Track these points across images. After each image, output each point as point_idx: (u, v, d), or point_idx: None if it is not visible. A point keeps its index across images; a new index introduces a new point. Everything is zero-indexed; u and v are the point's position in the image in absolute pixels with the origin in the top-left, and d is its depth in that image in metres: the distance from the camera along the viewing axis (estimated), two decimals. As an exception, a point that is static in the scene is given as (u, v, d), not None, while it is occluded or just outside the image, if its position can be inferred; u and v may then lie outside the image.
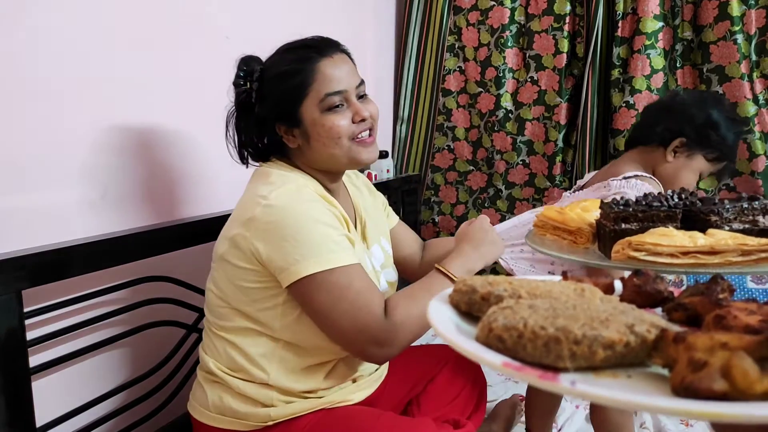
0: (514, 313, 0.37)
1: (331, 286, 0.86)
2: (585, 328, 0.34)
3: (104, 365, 1.19)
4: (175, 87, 1.32)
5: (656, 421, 1.39)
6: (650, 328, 0.35)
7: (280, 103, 0.97)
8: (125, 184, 1.21)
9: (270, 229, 0.87)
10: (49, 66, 1.04)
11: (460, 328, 0.42)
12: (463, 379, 1.21)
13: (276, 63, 0.99)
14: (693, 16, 1.95)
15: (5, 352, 0.90)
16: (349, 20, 2.11)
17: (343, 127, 0.96)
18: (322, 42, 0.99)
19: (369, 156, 1.01)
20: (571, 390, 0.31)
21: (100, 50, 1.13)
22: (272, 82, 0.98)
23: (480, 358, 0.35)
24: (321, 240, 0.87)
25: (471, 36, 2.33)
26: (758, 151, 1.87)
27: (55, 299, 1.04)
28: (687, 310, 0.41)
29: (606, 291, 0.46)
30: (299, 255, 0.86)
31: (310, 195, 0.93)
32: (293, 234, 0.86)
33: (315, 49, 0.97)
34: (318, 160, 1.00)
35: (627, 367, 0.35)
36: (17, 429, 0.92)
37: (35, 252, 0.95)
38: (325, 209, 0.92)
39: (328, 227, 0.90)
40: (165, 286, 1.25)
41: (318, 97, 0.95)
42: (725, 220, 0.54)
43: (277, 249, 0.87)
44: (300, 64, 0.96)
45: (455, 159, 2.42)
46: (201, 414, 0.99)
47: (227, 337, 0.97)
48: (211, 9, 1.42)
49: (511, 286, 0.44)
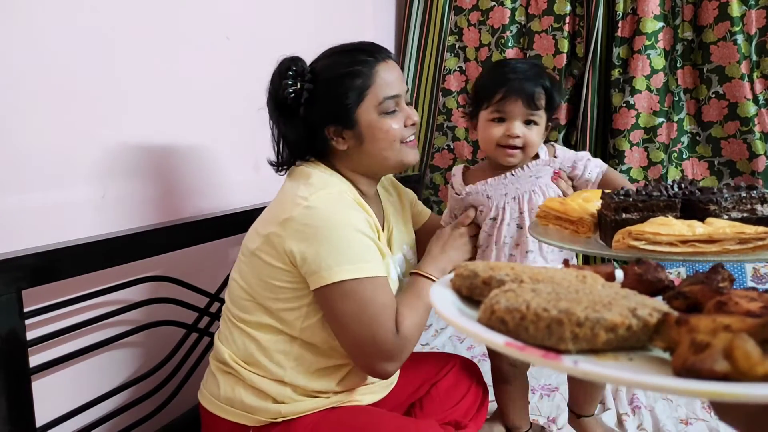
0: (516, 296, 0.38)
1: (358, 296, 0.88)
2: (588, 310, 0.35)
3: (104, 365, 1.19)
4: (176, 87, 1.32)
5: (655, 421, 1.39)
6: (652, 312, 0.35)
7: (337, 104, 0.97)
8: (126, 184, 1.21)
9: (308, 231, 0.88)
10: (49, 66, 1.04)
11: (462, 311, 0.42)
12: (466, 383, 1.21)
13: (332, 65, 0.99)
14: (693, 16, 1.95)
15: (5, 352, 0.90)
16: (349, 20, 2.11)
17: (398, 131, 0.99)
18: (375, 47, 1.01)
19: (414, 158, 1.04)
20: (573, 369, 0.32)
21: (100, 50, 1.13)
22: (329, 83, 0.98)
23: (483, 338, 0.36)
24: (357, 249, 0.89)
25: (472, 36, 2.33)
26: (758, 151, 1.87)
27: (55, 299, 1.04)
28: (687, 298, 0.41)
29: (607, 278, 0.46)
30: (333, 260, 0.87)
31: (349, 202, 0.95)
32: (330, 239, 0.87)
33: (371, 53, 0.98)
34: (367, 163, 1.02)
35: (628, 350, 0.36)
36: (17, 429, 0.92)
37: (35, 252, 0.95)
38: (363, 218, 0.94)
39: (365, 236, 0.91)
40: (165, 286, 1.25)
41: (377, 100, 0.97)
42: (724, 209, 0.54)
43: (313, 252, 0.88)
44: (359, 66, 0.97)
45: (455, 159, 2.42)
46: (210, 403, 1.00)
47: (246, 329, 0.98)
48: (211, 9, 1.42)
49: (513, 271, 0.44)
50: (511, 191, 1.08)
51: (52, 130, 1.06)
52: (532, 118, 1.05)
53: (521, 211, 1.07)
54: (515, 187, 1.08)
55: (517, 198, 1.08)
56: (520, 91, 1.03)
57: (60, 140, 1.07)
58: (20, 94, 1.00)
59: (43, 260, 0.96)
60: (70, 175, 1.10)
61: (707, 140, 1.99)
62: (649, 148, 2.03)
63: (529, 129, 1.05)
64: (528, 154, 1.07)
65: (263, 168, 1.65)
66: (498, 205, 1.09)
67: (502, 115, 1.05)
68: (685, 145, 2.03)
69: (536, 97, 1.03)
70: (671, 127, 2.02)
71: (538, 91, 1.04)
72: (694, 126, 2.02)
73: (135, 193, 1.23)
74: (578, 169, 1.11)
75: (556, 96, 1.08)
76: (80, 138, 1.11)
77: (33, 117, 1.03)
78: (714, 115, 1.96)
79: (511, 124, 1.05)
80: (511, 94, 1.03)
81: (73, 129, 1.10)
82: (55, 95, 1.06)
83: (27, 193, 1.02)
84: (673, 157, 2.04)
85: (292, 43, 1.73)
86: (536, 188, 1.07)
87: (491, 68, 1.13)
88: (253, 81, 1.59)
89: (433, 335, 1.95)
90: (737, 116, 1.89)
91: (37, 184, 1.04)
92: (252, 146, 1.54)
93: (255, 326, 0.97)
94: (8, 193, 0.99)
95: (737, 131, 1.91)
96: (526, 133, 1.05)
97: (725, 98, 1.91)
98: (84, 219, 1.13)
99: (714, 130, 1.97)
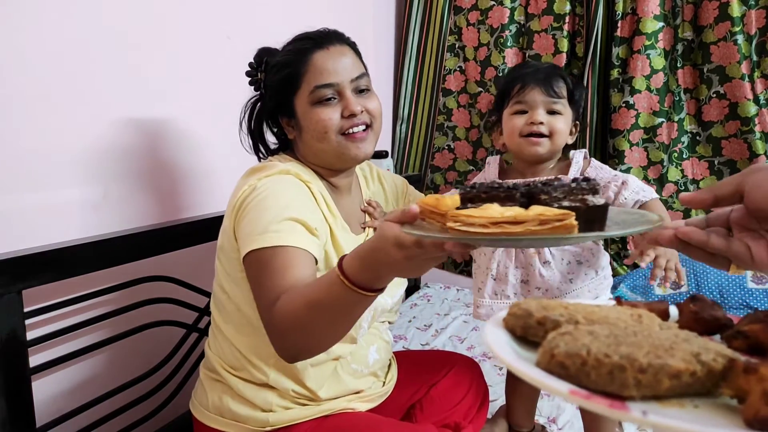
0: (574, 339, 0.37)
1: (261, 264, 0.80)
2: (650, 356, 0.34)
3: (104, 365, 1.19)
4: (177, 87, 1.32)
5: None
6: (717, 357, 0.35)
7: (277, 93, 0.98)
8: (126, 184, 1.21)
9: (244, 207, 0.87)
10: (50, 66, 1.04)
11: (518, 353, 0.42)
12: (466, 384, 1.20)
13: (277, 54, 1.00)
14: (693, 16, 1.95)
15: (5, 352, 0.90)
16: (349, 20, 2.11)
17: (330, 121, 0.92)
18: (322, 34, 0.97)
19: (358, 152, 0.95)
20: (642, 420, 0.32)
21: (100, 50, 1.13)
22: (271, 72, 0.98)
23: (545, 386, 0.36)
24: (269, 217, 0.82)
25: (471, 36, 2.33)
26: (759, 151, 1.87)
27: (55, 299, 1.04)
28: (747, 338, 0.40)
29: (661, 316, 0.47)
30: (248, 231, 0.82)
31: (290, 181, 0.90)
32: (255, 212, 0.84)
33: (312, 40, 0.95)
34: (309, 155, 0.99)
35: (692, 396, 0.35)
36: (17, 429, 0.92)
37: (35, 252, 0.95)
38: (300, 196, 0.89)
39: (287, 210, 0.83)
40: (165, 286, 1.24)
41: (308, 89, 0.93)
42: (554, 198, 0.57)
43: (240, 228, 0.85)
44: (294, 56, 0.95)
45: (455, 159, 2.42)
46: (201, 414, 0.99)
47: (228, 334, 0.97)
48: (212, 9, 1.42)
49: (567, 311, 0.44)
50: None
51: (52, 131, 1.06)
52: (554, 107, 1.03)
53: None
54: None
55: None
56: (538, 80, 1.03)
57: (60, 140, 1.07)
58: (20, 94, 1.00)
59: (43, 260, 0.96)
60: (71, 176, 1.10)
61: (707, 140, 1.99)
62: (649, 148, 2.03)
63: (553, 118, 1.04)
64: (555, 142, 1.05)
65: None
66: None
67: (524, 106, 1.05)
68: (686, 145, 2.03)
69: (555, 85, 1.03)
70: (671, 127, 2.02)
71: (557, 79, 1.03)
72: (695, 126, 2.02)
73: (135, 193, 1.23)
74: (611, 190, 1.03)
75: (577, 90, 1.06)
76: (81, 138, 1.11)
77: (33, 117, 1.03)
78: (714, 115, 1.95)
79: (533, 112, 1.04)
80: (529, 82, 1.03)
81: (74, 129, 1.10)
82: (56, 95, 1.06)
83: (27, 193, 1.02)
84: (673, 157, 2.04)
85: (292, 43, 1.73)
86: None
87: (513, 67, 1.14)
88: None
89: (433, 335, 1.95)
90: (738, 116, 1.89)
91: (37, 184, 1.04)
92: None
93: (236, 329, 0.96)
94: (8, 193, 0.99)
95: (738, 131, 1.91)
96: (550, 120, 1.03)
97: (726, 98, 1.91)
98: (84, 219, 1.12)
99: (714, 130, 1.97)
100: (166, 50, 1.29)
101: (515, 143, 1.07)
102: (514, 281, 1.08)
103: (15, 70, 0.99)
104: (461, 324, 2.03)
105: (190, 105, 1.36)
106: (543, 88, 1.02)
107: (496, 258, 1.10)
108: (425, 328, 2.02)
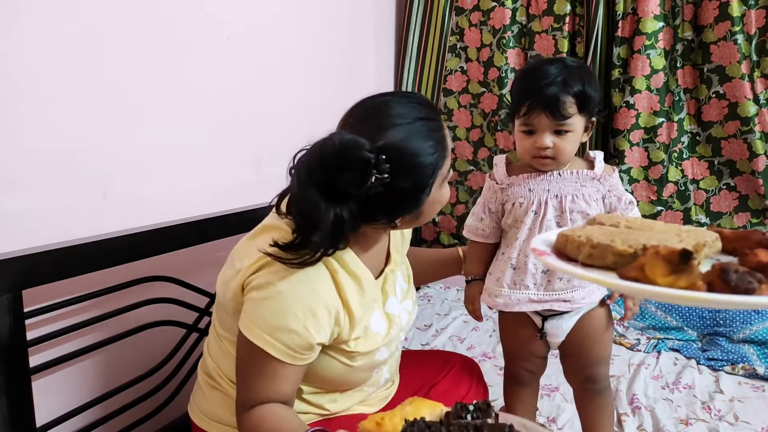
0: (587, 233, 0.59)
1: (251, 355, 0.83)
2: (616, 241, 0.55)
3: (104, 365, 1.19)
4: (177, 87, 1.32)
5: (655, 421, 1.39)
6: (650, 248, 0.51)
7: (414, 194, 0.83)
8: (126, 184, 1.21)
9: (254, 296, 0.83)
10: (50, 66, 1.04)
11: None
12: (466, 383, 1.20)
13: (408, 146, 0.81)
14: (693, 16, 1.95)
15: (5, 352, 0.90)
16: (349, 21, 2.12)
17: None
18: (428, 101, 0.92)
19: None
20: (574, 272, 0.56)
21: (100, 50, 1.13)
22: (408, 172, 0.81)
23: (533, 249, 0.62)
24: (279, 325, 0.81)
25: (473, 36, 2.34)
26: (758, 151, 1.87)
27: (55, 299, 1.05)
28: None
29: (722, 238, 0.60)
30: (254, 322, 0.82)
31: (310, 284, 0.83)
32: (265, 309, 0.82)
33: (433, 110, 0.89)
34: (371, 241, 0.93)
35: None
36: (17, 429, 0.92)
37: (35, 252, 0.95)
38: (318, 312, 0.83)
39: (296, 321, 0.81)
40: (165, 286, 1.25)
41: (445, 170, 0.87)
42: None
43: (246, 309, 0.84)
44: (436, 141, 0.84)
45: (456, 159, 2.42)
46: (199, 418, 0.98)
47: (229, 348, 0.93)
48: (212, 10, 1.42)
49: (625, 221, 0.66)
50: (554, 189, 1.06)
51: (52, 131, 1.06)
52: (561, 128, 1.03)
53: (562, 210, 1.05)
54: (559, 186, 1.07)
55: (560, 197, 1.06)
56: (546, 104, 1.00)
57: (60, 140, 1.07)
58: (20, 94, 1.00)
59: (43, 260, 0.96)
60: (70, 175, 1.10)
61: (707, 140, 2.00)
62: (649, 148, 2.04)
63: (560, 138, 1.03)
64: (561, 161, 1.06)
65: (263, 168, 1.65)
66: (540, 200, 1.07)
67: (531, 128, 1.04)
68: (686, 145, 2.03)
69: (563, 108, 1.00)
70: (671, 127, 2.02)
71: (565, 99, 1.00)
72: (695, 126, 2.02)
73: (135, 193, 1.24)
74: (614, 205, 1.08)
75: (592, 97, 1.03)
76: (80, 138, 1.11)
77: (33, 117, 1.03)
78: (714, 115, 1.96)
79: (539, 136, 1.03)
80: (536, 107, 1.01)
81: (74, 129, 1.10)
82: (56, 96, 1.06)
83: (27, 193, 1.02)
84: (673, 156, 2.04)
85: (292, 44, 1.73)
86: (579, 194, 1.06)
87: (523, 73, 1.11)
88: (254, 81, 1.59)
89: (433, 335, 1.95)
90: (737, 116, 1.89)
91: (37, 184, 1.04)
92: (252, 146, 1.54)
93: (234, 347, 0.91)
94: (8, 193, 0.99)
95: (737, 131, 1.91)
96: (556, 143, 1.03)
97: (725, 98, 1.91)
98: (84, 219, 1.13)
99: (714, 129, 1.97)
100: (166, 51, 1.29)
101: (527, 159, 1.09)
102: (534, 270, 1.08)
103: (15, 70, 0.99)
104: (461, 324, 2.03)
105: (191, 105, 1.36)
106: (549, 112, 1.01)
107: (517, 247, 1.09)
108: (425, 328, 2.03)
